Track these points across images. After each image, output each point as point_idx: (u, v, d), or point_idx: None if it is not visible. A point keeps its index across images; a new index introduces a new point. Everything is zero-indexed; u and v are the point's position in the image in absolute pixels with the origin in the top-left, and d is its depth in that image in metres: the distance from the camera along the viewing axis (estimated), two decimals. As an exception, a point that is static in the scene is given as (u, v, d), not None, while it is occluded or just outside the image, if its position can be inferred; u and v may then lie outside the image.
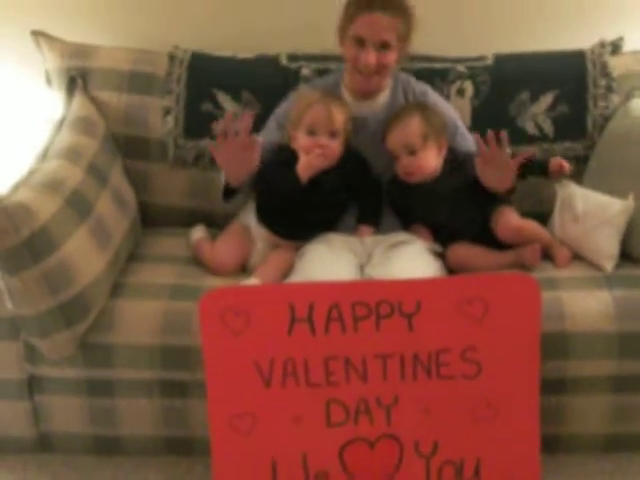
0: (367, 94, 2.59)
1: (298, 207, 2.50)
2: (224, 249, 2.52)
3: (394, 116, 2.54)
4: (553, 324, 2.21)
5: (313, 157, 2.45)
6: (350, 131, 2.53)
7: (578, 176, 2.66)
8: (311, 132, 2.47)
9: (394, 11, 2.45)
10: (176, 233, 2.72)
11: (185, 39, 2.87)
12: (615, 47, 2.78)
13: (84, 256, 2.25)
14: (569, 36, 2.87)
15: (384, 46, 2.46)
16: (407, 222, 2.58)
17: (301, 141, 2.49)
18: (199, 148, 2.75)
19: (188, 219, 2.76)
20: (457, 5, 2.89)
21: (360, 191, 2.56)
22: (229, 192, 2.53)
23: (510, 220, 2.48)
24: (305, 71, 2.77)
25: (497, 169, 2.39)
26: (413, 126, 2.49)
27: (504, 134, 2.33)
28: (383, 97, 2.61)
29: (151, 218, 2.78)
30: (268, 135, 2.60)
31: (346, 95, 2.60)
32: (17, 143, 2.96)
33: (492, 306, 2.09)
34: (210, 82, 2.77)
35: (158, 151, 2.77)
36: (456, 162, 2.54)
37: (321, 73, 2.76)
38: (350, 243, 2.50)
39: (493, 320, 2.09)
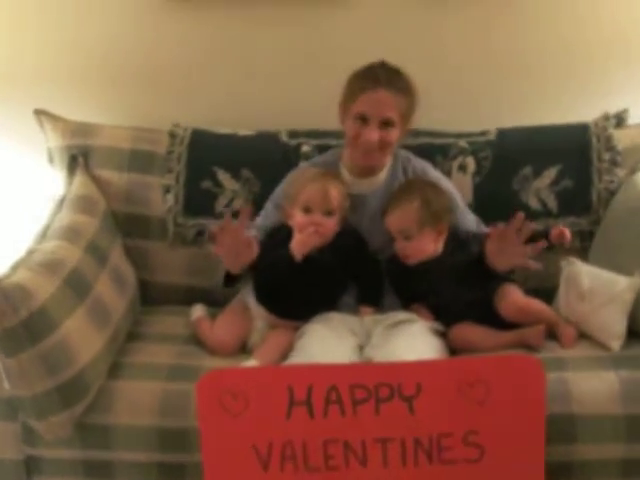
0: (367, 171, 2.61)
1: (294, 286, 2.51)
2: (224, 328, 2.53)
3: (394, 197, 2.55)
4: (559, 406, 2.18)
5: (307, 235, 2.47)
6: (347, 209, 2.55)
7: (583, 252, 2.67)
8: (307, 210, 2.49)
9: (397, 89, 2.48)
10: (176, 311, 2.73)
11: (187, 116, 2.92)
12: (620, 120, 2.80)
13: (82, 337, 2.25)
14: (574, 109, 2.91)
15: (387, 123, 2.48)
16: (407, 301, 2.57)
17: (296, 219, 2.51)
18: (199, 226, 2.78)
19: (188, 297, 2.77)
20: (460, 79, 2.94)
21: (358, 270, 2.56)
22: (230, 279, 2.54)
23: (514, 299, 2.47)
24: (305, 148, 2.80)
25: (509, 248, 2.37)
26: (410, 212, 2.50)
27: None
28: (382, 174, 2.63)
29: (150, 296, 2.79)
30: (267, 218, 2.64)
31: (345, 173, 2.62)
32: (19, 222, 2.98)
33: (494, 388, 2.06)
34: (210, 159, 2.81)
35: (158, 229, 2.79)
36: (457, 241, 2.56)
37: (321, 150, 2.79)
38: (350, 323, 2.49)
39: (496, 403, 2.06)
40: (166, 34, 2.99)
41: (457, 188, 2.70)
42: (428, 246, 2.52)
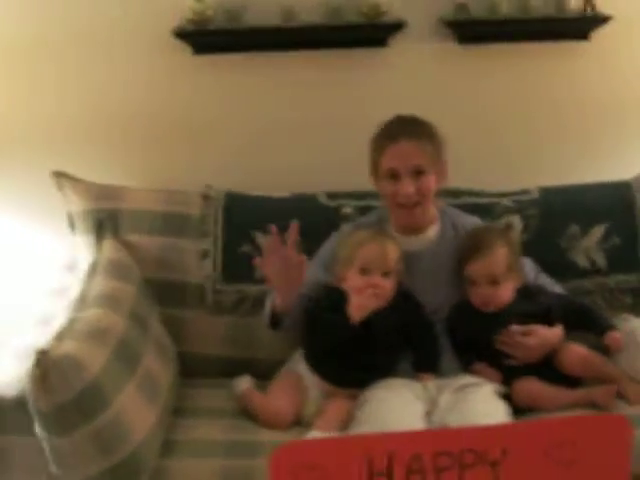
0: (414, 228, 2.58)
1: (351, 351, 2.44)
2: (277, 400, 2.43)
3: (478, 242, 2.52)
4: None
5: (366, 297, 2.42)
6: (402, 269, 2.51)
7: (635, 309, 2.67)
8: (364, 271, 2.44)
9: (418, 135, 2.48)
10: (217, 384, 2.63)
11: (212, 179, 2.86)
12: (661, 177, 2.85)
13: (135, 412, 2.15)
14: (609, 166, 2.95)
15: (418, 172, 2.47)
16: (468, 360, 2.51)
17: (353, 281, 2.45)
18: (239, 292, 2.71)
19: (227, 369, 2.67)
20: (498, 139, 2.97)
21: (415, 334, 2.50)
22: (276, 320, 2.48)
23: (578, 352, 2.45)
24: (346, 209, 2.77)
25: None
26: (501, 256, 2.48)
27: None
28: (432, 231, 2.60)
29: (188, 368, 2.67)
30: (313, 276, 2.55)
31: (393, 232, 2.58)
32: (30, 288, 2.90)
33: (582, 449, 1.99)
34: (248, 223, 2.75)
35: (195, 296, 2.72)
36: (525, 290, 2.54)
37: (363, 211, 2.76)
38: (413, 389, 2.41)
39: (583, 464, 1.98)
40: (192, 94, 2.96)
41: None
42: (510, 292, 2.50)
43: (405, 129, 2.49)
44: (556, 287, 2.64)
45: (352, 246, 2.49)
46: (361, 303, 2.42)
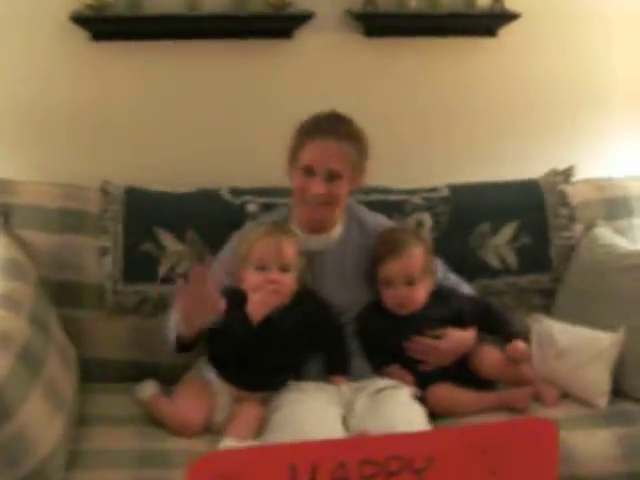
0: (318, 227, 2.52)
1: (256, 352, 2.37)
2: (186, 406, 2.32)
3: (394, 241, 2.49)
4: (564, 469, 2.11)
5: (265, 294, 2.35)
6: (302, 266, 2.44)
7: (545, 309, 2.70)
8: (261, 267, 2.38)
9: (346, 138, 2.42)
10: (118, 389, 2.51)
11: (111, 174, 2.72)
12: (567, 176, 2.86)
13: (41, 422, 2.00)
14: (517, 164, 2.97)
15: (334, 176, 2.41)
16: (380, 363, 2.48)
17: (251, 279, 2.38)
18: (141, 293, 2.59)
19: (129, 373, 2.57)
20: (405, 135, 2.94)
21: (323, 334, 2.45)
22: (183, 345, 2.36)
23: (494, 357, 2.45)
24: (251, 207, 2.68)
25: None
26: (417, 256, 2.47)
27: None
28: (337, 230, 2.55)
29: (87, 373, 2.51)
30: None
31: (296, 230, 2.50)
32: None
33: (508, 454, 1.98)
34: (150, 220, 2.64)
35: (94, 297, 2.58)
36: (438, 293, 2.52)
37: (268, 208, 2.68)
38: (327, 392, 2.36)
39: (510, 469, 1.97)
40: (88, 82, 2.81)
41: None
42: (424, 294, 2.48)
43: (335, 128, 2.42)
44: (464, 286, 2.64)
45: (248, 243, 2.42)
46: (260, 300, 2.35)
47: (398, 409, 2.27)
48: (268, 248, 2.37)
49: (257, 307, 2.35)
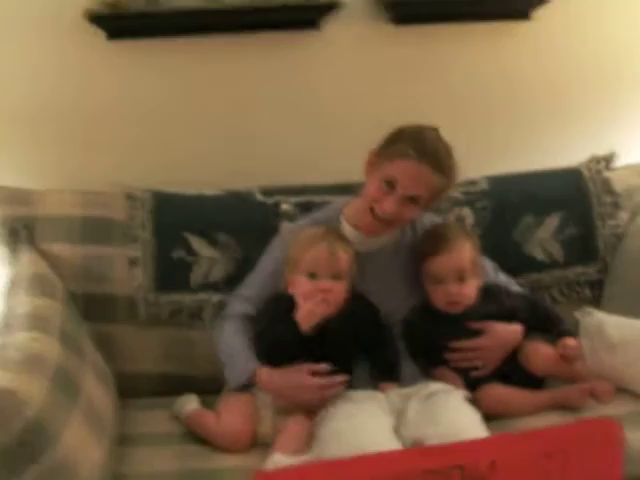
0: (374, 234, 2.42)
1: (303, 363, 2.27)
2: (233, 420, 2.22)
3: (442, 236, 2.40)
4: (633, 468, 2.06)
5: (315, 303, 2.25)
6: (355, 272, 2.35)
7: (594, 302, 2.62)
8: (312, 275, 2.28)
9: (442, 171, 2.30)
10: (154, 404, 2.42)
11: (136, 176, 2.62)
12: (608, 162, 2.76)
13: (84, 446, 1.91)
14: (554, 153, 2.87)
15: (412, 200, 2.31)
16: (427, 365, 2.40)
17: (301, 286, 2.28)
18: (174, 303, 2.50)
19: (164, 387, 2.49)
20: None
21: (371, 340, 2.36)
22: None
23: (546, 353, 2.36)
24: (285, 206, 2.58)
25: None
26: (466, 249, 2.38)
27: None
28: (392, 234, 2.45)
29: (121, 388, 2.40)
30: (261, 287, 2.40)
31: (348, 229, 2.42)
32: None
33: (573, 457, 1.90)
34: (180, 225, 2.54)
35: (125, 309, 2.50)
36: (488, 291, 2.42)
37: (303, 207, 2.59)
38: (377, 400, 2.26)
39: (574, 472, 1.92)
40: (107, 83, 2.72)
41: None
42: (474, 291, 2.38)
43: (435, 157, 2.28)
44: (515, 286, 2.55)
45: (298, 247, 2.32)
46: (310, 310, 2.25)
47: (452, 414, 2.17)
48: (321, 254, 2.28)
49: (307, 316, 2.24)
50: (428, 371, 2.39)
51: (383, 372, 2.35)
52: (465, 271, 2.36)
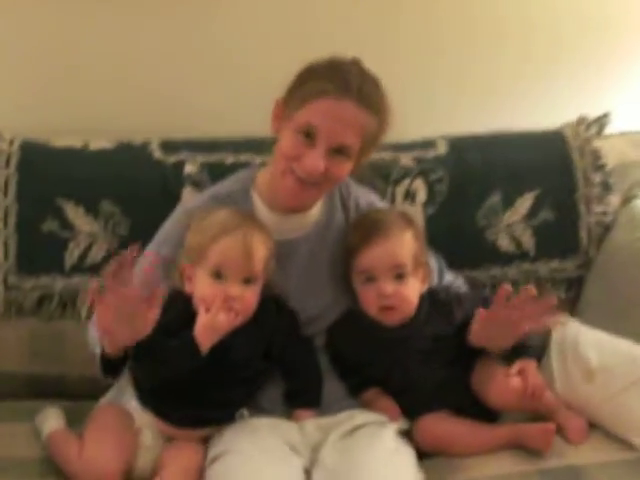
0: (295, 208, 1.94)
1: (198, 386, 1.81)
2: (99, 454, 1.76)
3: (375, 222, 1.94)
4: None
5: (218, 315, 1.76)
6: (272, 269, 1.88)
7: (569, 305, 2.21)
8: (218, 275, 1.80)
9: (370, 105, 1.82)
10: (15, 413, 1.98)
11: (5, 123, 2.16)
12: (600, 126, 2.30)
13: None
14: (536, 114, 2.40)
15: (342, 152, 1.82)
16: (355, 386, 1.95)
17: (202, 288, 1.81)
18: (42, 288, 2.09)
19: (29, 390, 2.09)
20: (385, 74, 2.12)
21: (286, 356, 1.91)
22: (110, 365, 1.81)
23: (508, 382, 1.86)
24: (190, 168, 2.12)
25: (501, 329, 1.83)
26: (406, 241, 1.92)
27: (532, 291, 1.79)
28: (315, 212, 1.98)
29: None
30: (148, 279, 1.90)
31: (260, 208, 1.94)
32: None
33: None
34: (54, 188, 2.09)
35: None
36: (434, 297, 1.98)
37: (213, 170, 2.12)
38: (285, 433, 1.83)
39: None
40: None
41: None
42: (415, 295, 1.93)
43: (359, 88, 1.79)
44: (458, 281, 2.12)
45: (203, 235, 1.83)
46: (211, 324, 1.77)
47: (380, 461, 1.75)
48: (233, 252, 1.80)
49: (206, 332, 1.76)
50: (356, 393, 1.95)
51: (299, 395, 1.91)
52: (403, 267, 1.89)
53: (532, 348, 1.93)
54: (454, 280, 2.11)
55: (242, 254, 1.79)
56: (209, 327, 1.76)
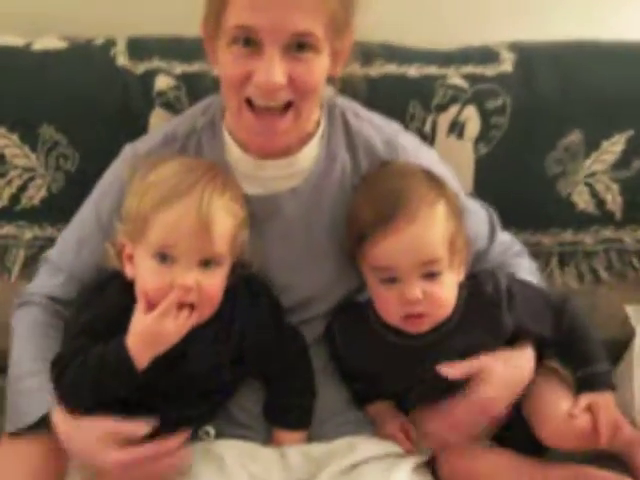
0: (271, 149, 1.43)
1: (145, 400, 1.35)
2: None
3: (390, 200, 1.38)
4: None
5: (163, 321, 1.28)
6: (243, 239, 1.39)
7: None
8: (163, 257, 1.31)
9: None
10: None
11: None
12: None
13: None
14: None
15: (302, 46, 1.31)
16: (360, 397, 1.50)
17: (143, 274, 1.33)
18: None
19: None
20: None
21: (265, 358, 1.44)
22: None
23: (571, 420, 1.39)
24: (163, 81, 1.62)
25: None
26: (440, 222, 1.38)
27: None
28: (308, 154, 1.46)
29: None
30: (77, 253, 1.49)
31: (233, 150, 1.44)
32: None
33: None
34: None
35: None
36: (475, 287, 1.45)
37: (195, 87, 1.61)
38: (260, 467, 1.38)
39: None
40: None
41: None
42: (453, 296, 1.41)
43: None
44: (525, 262, 1.61)
45: (143, 201, 1.34)
46: (152, 330, 1.29)
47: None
48: (181, 226, 1.30)
49: (145, 342, 1.29)
50: (362, 402, 1.50)
51: (281, 412, 1.45)
52: (436, 262, 1.37)
53: (604, 374, 1.45)
54: (510, 245, 1.60)
55: (196, 227, 1.29)
56: (149, 335, 1.29)
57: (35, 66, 1.65)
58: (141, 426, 1.31)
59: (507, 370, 1.40)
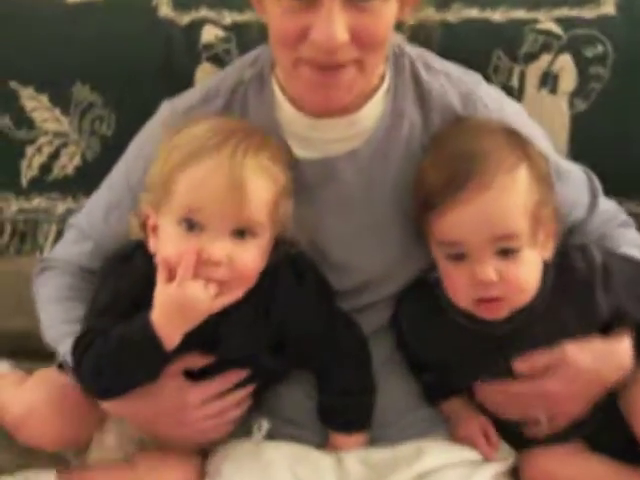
0: (328, 111, 1.26)
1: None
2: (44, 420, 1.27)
3: (462, 163, 1.20)
4: None
5: (188, 287, 1.13)
6: (288, 208, 1.22)
7: None
8: (190, 223, 1.14)
9: None
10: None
11: None
12: None
13: None
14: None
15: None
16: (437, 387, 1.32)
17: (166, 243, 1.17)
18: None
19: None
20: None
21: (313, 349, 1.28)
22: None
23: None
24: (211, 33, 1.51)
25: None
26: (521, 190, 1.19)
27: None
28: (370, 113, 1.29)
29: None
30: (104, 220, 1.36)
31: (284, 107, 1.28)
32: None
33: None
34: (3, 66, 1.54)
35: None
36: (564, 266, 1.26)
37: (242, 37, 1.50)
38: (313, 473, 1.23)
39: None
40: None
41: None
42: (535, 277, 1.22)
43: None
44: (630, 232, 1.41)
45: (168, 161, 1.18)
46: (177, 299, 1.14)
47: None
48: (209, 187, 1.14)
49: (171, 315, 1.15)
50: (435, 398, 1.32)
51: (336, 412, 1.28)
52: (514, 237, 1.18)
53: None
54: (614, 214, 1.40)
55: (226, 187, 1.13)
56: (174, 305, 1.13)
57: (67, 18, 1.56)
58: (199, 358, 1.22)
59: (594, 364, 1.21)
